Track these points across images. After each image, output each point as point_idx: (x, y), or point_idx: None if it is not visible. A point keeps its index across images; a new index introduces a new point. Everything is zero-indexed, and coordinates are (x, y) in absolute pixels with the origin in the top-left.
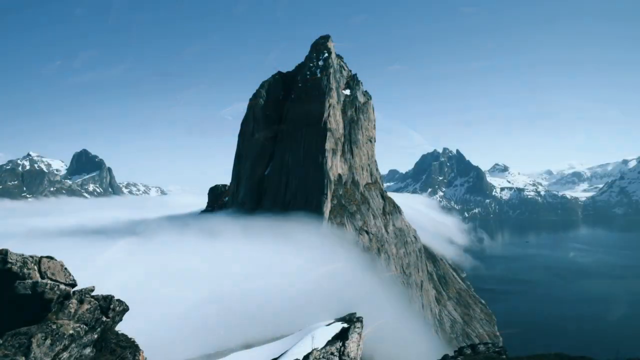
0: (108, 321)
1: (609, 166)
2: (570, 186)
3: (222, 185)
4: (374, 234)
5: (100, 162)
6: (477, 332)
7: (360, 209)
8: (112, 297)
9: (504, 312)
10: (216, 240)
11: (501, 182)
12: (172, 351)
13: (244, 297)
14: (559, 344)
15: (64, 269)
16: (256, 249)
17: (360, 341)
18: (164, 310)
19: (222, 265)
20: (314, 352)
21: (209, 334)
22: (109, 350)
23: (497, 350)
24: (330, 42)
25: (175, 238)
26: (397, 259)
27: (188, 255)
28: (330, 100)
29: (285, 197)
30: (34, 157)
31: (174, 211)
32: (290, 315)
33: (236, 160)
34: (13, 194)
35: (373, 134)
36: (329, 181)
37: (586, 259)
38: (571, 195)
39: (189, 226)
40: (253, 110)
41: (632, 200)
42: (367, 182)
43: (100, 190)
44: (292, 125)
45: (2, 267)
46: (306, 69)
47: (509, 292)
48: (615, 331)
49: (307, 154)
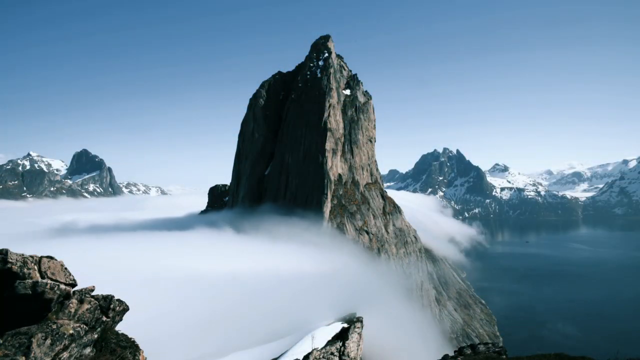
0: (108, 321)
1: (609, 166)
2: (570, 186)
3: (222, 185)
4: (374, 234)
5: (100, 162)
6: (477, 332)
7: (360, 209)
8: (112, 297)
9: (504, 312)
10: (216, 241)
11: (501, 182)
12: (172, 351)
13: (244, 297)
14: (559, 344)
15: (64, 269)
16: (256, 249)
17: (360, 341)
18: (164, 310)
19: (222, 265)
20: (314, 352)
21: (209, 334)
22: (109, 350)
23: (497, 350)
24: (331, 42)
25: (175, 238)
26: (397, 259)
27: (188, 255)
28: (331, 100)
29: (286, 196)
30: (34, 157)
31: (174, 211)
32: (290, 315)
33: (236, 160)
34: (13, 193)
35: (373, 134)
36: (329, 181)
37: (586, 259)
38: (571, 195)
39: (189, 226)
40: (253, 110)
41: (632, 200)
42: (367, 182)
43: (100, 190)
44: (292, 125)
45: (2, 267)
46: (306, 69)
47: (509, 292)
48: (615, 331)
49: (307, 154)
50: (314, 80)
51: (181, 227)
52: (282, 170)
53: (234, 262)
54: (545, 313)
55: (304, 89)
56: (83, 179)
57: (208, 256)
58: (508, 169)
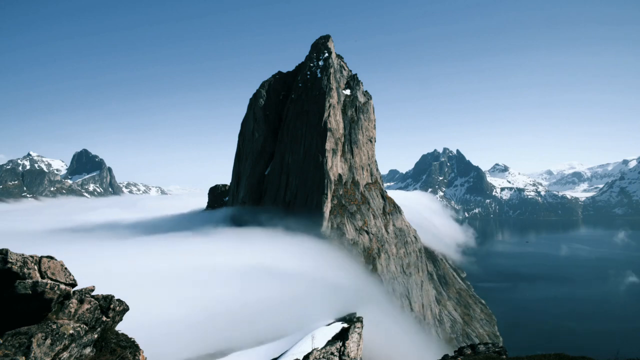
0: (108, 321)
1: (609, 166)
2: (571, 186)
3: (222, 185)
4: (374, 234)
5: (100, 162)
6: (477, 332)
7: (360, 209)
8: (112, 297)
9: (504, 312)
10: (216, 241)
11: (501, 182)
12: (172, 351)
13: (244, 297)
14: (559, 344)
15: (64, 269)
16: (256, 249)
17: (360, 341)
18: (164, 310)
19: (222, 265)
20: (314, 352)
21: (209, 334)
22: (109, 350)
23: (497, 350)
24: (331, 42)
25: (175, 238)
26: (397, 259)
27: (188, 255)
28: (331, 100)
29: (286, 197)
30: (34, 157)
31: (173, 211)
32: (290, 315)
33: (236, 160)
34: (13, 193)
35: (373, 134)
36: (329, 181)
37: (586, 259)
38: (571, 195)
39: (189, 226)
40: (253, 110)
41: (633, 200)
42: (367, 182)
43: (100, 190)
44: (292, 125)
45: (3, 266)
46: (306, 69)
47: (509, 292)
48: (615, 331)
49: (307, 154)
50: (314, 80)
51: (181, 227)
52: (282, 170)
53: (233, 262)
54: (545, 313)
55: (304, 89)
56: (83, 179)
57: (208, 256)
58: (508, 169)
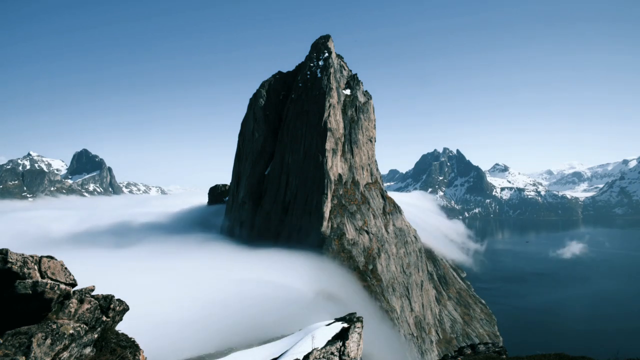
0: (108, 321)
1: (609, 166)
2: (571, 186)
3: (222, 185)
4: (374, 233)
5: (100, 162)
6: (477, 332)
7: (360, 209)
8: (112, 296)
9: (504, 312)
10: (216, 241)
11: (501, 182)
12: (172, 351)
13: (243, 297)
14: (559, 344)
15: (64, 269)
16: (255, 249)
17: (360, 341)
18: (164, 310)
19: (222, 265)
20: (314, 352)
21: (209, 334)
22: (109, 350)
23: (497, 350)
24: (331, 42)
25: (175, 238)
26: (397, 259)
27: (188, 255)
28: (331, 100)
29: (286, 197)
30: (34, 157)
31: (173, 211)
32: (290, 315)
33: (236, 160)
34: (13, 193)
35: (373, 134)
36: (329, 181)
37: (586, 259)
38: (571, 195)
39: (188, 227)
40: (253, 110)
41: (633, 200)
42: (367, 182)
43: (100, 190)
44: (292, 125)
45: (3, 266)
46: (306, 69)
47: (509, 291)
48: (615, 331)
49: (307, 154)
50: (314, 80)
51: (181, 228)
52: (282, 170)
53: (233, 262)
54: (545, 313)
55: (304, 88)
56: (83, 178)
57: (208, 256)
58: (508, 169)
